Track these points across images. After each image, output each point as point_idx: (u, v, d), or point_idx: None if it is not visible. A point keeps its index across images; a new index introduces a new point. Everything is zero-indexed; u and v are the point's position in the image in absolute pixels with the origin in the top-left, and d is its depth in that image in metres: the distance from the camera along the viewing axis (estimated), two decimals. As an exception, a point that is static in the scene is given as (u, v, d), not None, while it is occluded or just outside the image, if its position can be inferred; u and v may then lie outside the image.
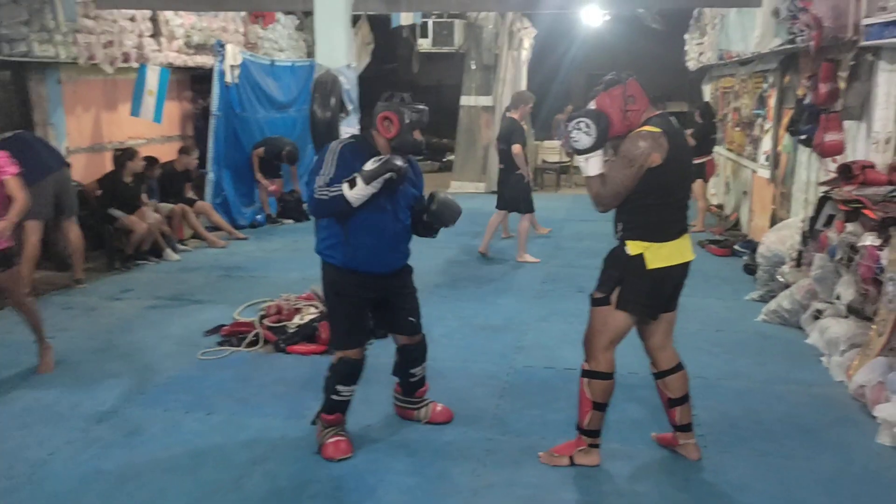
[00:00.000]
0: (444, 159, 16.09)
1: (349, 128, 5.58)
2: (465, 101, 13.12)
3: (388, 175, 3.42)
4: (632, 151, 3.19)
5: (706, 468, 3.55)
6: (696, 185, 9.75)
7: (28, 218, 6.23)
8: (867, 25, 4.95)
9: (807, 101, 5.94)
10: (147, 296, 6.50)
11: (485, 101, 13.01)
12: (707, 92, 12.49)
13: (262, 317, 5.54)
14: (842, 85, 5.46)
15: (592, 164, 3.28)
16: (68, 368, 4.83)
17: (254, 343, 5.25)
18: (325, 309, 5.57)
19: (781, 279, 5.93)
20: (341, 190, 3.40)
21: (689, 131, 9.89)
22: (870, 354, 4.30)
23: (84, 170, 7.91)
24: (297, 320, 5.46)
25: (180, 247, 8.34)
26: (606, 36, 14.95)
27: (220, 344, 5.27)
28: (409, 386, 4.04)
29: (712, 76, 12.12)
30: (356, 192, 3.40)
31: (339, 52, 5.55)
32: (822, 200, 5.43)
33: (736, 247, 8.15)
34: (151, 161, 8.12)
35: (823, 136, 5.39)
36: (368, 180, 3.39)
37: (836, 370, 4.62)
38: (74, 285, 6.78)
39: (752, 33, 5.85)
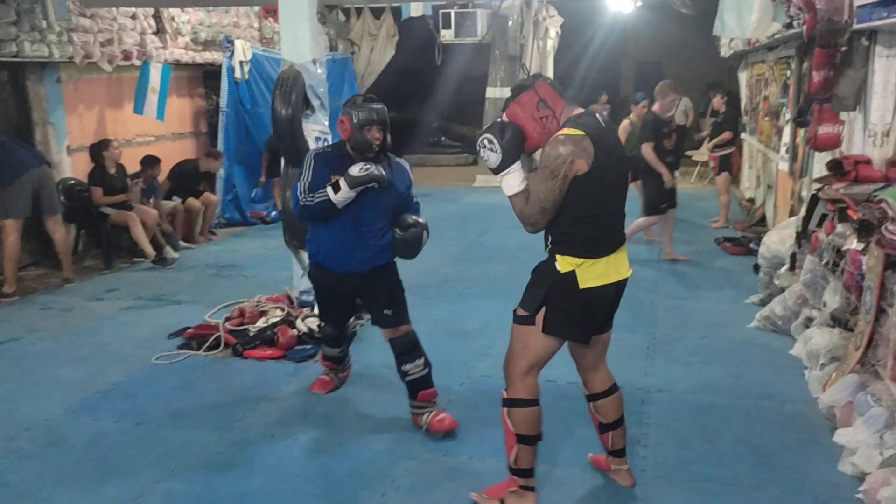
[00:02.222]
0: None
1: (314, 125, 5.40)
2: (490, 92, 12.84)
3: (371, 184, 3.68)
4: (552, 160, 2.79)
5: (635, 496, 3.26)
6: (721, 178, 9.30)
7: (5, 217, 6.29)
8: (860, 6, 4.50)
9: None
10: (128, 296, 6.47)
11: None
12: (743, 79, 11.90)
13: (227, 319, 5.43)
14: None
15: (508, 183, 2.92)
16: (20, 372, 4.80)
17: (215, 347, 5.13)
18: (290, 311, 5.46)
19: (778, 283, 5.52)
20: (327, 194, 3.66)
21: (712, 120, 9.45)
22: (845, 370, 3.92)
23: (88, 167, 7.91)
24: (260, 323, 5.34)
25: (183, 244, 8.32)
26: (640, 24, 14.48)
27: (181, 347, 5.17)
28: (408, 387, 3.99)
29: (748, 63, 11.52)
30: (340, 196, 3.66)
31: (304, 46, 5.38)
32: (815, 199, 5.01)
33: (752, 245, 7.68)
34: (151, 160, 8.09)
35: (817, 129, 4.97)
36: (352, 186, 3.66)
37: (816, 385, 4.24)
38: (64, 284, 6.80)
39: (749, 18, 5.43)
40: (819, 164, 6.39)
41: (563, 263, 2.92)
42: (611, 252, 2.97)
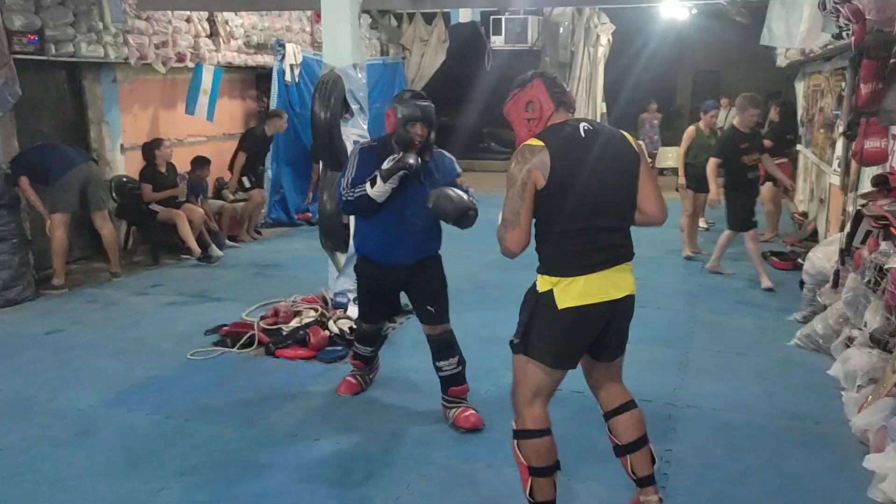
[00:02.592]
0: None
1: (353, 129, 5.46)
2: (540, 99, 12.76)
3: (401, 172, 3.70)
4: (510, 169, 2.76)
5: (652, 514, 3.19)
6: (765, 188, 9.07)
7: (53, 211, 6.50)
8: (910, 18, 4.37)
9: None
10: (172, 292, 6.62)
11: (561, 99, 12.61)
12: (800, 90, 11.62)
13: (263, 318, 5.51)
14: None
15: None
16: (61, 362, 4.95)
17: (248, 345, 5.22)
18: (324, 312, 5.52)
19: (821, 300, 5.37)
20: (365, 189, 3.75)
21: (765, 131, 9.23)
22: (881, 393, 3.79)
23: (140, 166, 8.10)
24: (294, 323, 5.40)
25: (229, 243, 8.48)
26: (697, 32, 14.26)
27: (216, 344, 5.27)
28: (440, 382, 4.11)
29: (805, 73, 11.25)
30: (377, 190, 3.73)
31: (345, 50, 5.44)
32: (859, 215, 4.86)
33: (799, 260, 7.48)
34: (201, 161, 8.27)
35: (864, 143, 4.82)
36: (386, 177, 3.72)
37: (852, 407, 4.10)
38: (112, 278, 7.00)
39: (798, 28, 5.29)
40: (869, 179, 6.21)
41: (542, 282, 2.83)
42: (595, 270, 2.77)
